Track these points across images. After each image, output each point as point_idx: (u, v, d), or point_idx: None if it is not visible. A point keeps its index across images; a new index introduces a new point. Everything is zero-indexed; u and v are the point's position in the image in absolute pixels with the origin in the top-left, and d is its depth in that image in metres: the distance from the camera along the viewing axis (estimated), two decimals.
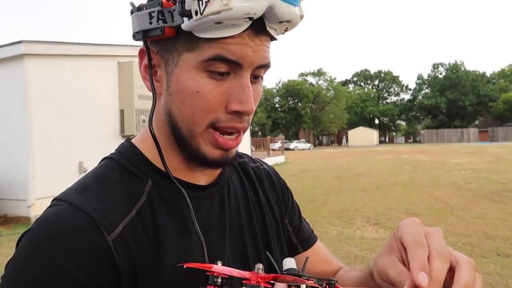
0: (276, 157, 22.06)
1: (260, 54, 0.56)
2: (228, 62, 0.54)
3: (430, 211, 7.38)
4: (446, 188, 9.99)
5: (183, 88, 0.56)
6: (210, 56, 0.54)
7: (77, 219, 0.53)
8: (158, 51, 0.59)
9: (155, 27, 0.55)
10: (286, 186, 0.86)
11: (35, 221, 0.55)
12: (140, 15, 0.56)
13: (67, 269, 0.50)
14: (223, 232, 0.66)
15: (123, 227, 0.55)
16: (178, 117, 0.59)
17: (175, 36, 0.55)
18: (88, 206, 0.54)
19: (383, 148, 38.80)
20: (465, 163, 16.70)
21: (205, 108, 0.56)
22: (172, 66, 0.57)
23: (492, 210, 7.30)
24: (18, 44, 7.21)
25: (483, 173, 12.61)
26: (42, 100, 7.40)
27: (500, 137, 50.18)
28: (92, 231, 0.52)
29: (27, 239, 0.53)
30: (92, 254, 0.51)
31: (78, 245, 0.51)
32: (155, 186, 0.61)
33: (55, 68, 7.74)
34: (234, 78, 0.56)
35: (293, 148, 45.27)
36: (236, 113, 0.57)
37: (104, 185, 0.59)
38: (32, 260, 0.51)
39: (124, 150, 0.66)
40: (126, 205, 0.57)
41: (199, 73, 0.55)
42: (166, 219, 0.59)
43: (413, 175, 13.32)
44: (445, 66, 66.68)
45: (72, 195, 0.57)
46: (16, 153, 7.31)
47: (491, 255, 4.81)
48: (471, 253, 4.89)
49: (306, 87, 60.80)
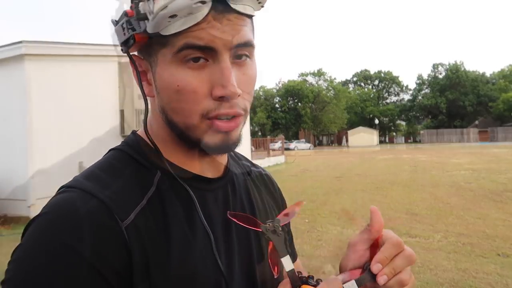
0: (276, 157, 22.07)
1: (232, 33, 0.55)
2: (199, 49, 0.55)
3: (430, 211, 7.38)
4: (446, 188, 9.99)
5: (166, 85, 0.58)
6: (180, 47, 0.55)
7: (89, 202, 0.53)
8: (144, 56, 0.62)
9: (127, 38, 0.58)
10: (283, 197, 0.88)
11: (43, 207, 0.55)
12: (117, 29, 0.60)
13: (79, 251, 0.50)
14: (229, 226, 0.66)
15: (135, 215, 0.55)
16: (172, 113, 0.60)
17: (150, 39, 0.58)
18: (100, 192, 0.55)
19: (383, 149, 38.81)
20: (465, 163, 16.71)
21: (191, 99, 0.57)
22: (154, 66, 0.59)
23: (492, 210, 7.31)
24: (18, 44, 7.22)
25: (483, 173, 12.62)
26: (42, 101, 7.41)
27: (500, 137, 50.18)
28: (105, 215, 0.53)
29: (37, 223, 0.53)
30: (104, 237, 0.52)
31: (91, 227, 0.51)
32: (163, 177, 0.62)
33: (55, 68, 7.75)
34: (213, 64, 0.56)
35: (293, 148, 45.29)
36: (221, 98, 0.56)
37: (113, 175, 0.59)
38: (42, 241, 0.51)
39: (131, 142, 0.66)
40: (136, 194, 0.58)
41: (177, 67, 0.56)
42: (176, 209, 0.60)
43: (413, 175, 13.32)
44: (445, 66, 66.66)
45: (82, 181, 0.57)
46: (16, 153, 7.32)
47: (491, 255, 4.81)
48: (471, 253, 4.89)
49: (306, 87, 60.77)
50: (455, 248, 5.16)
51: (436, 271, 4.33)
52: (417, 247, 5.22)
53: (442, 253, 4.96)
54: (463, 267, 4.44)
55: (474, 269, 4.35)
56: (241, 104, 0.59)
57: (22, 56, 7.18)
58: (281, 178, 13.79)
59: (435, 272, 4.30)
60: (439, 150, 29.33)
